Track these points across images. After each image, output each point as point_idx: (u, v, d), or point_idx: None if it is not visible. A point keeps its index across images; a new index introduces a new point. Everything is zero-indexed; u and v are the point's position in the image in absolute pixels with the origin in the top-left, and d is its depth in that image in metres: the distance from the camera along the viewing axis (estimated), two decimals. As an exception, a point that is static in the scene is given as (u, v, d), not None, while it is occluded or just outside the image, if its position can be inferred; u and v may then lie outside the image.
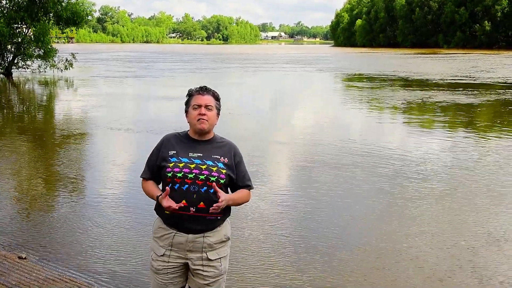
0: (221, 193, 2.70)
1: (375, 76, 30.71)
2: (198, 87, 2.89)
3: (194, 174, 2.72)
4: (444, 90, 22.35)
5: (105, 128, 12.55)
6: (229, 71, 36.56)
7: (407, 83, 26.54)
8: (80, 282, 4.40)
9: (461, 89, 22.57)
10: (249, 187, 2.94)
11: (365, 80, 28.85)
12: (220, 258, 2.84)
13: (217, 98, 2.88)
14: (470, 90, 21.97)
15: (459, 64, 42.43)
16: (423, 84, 25.62)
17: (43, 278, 4.41)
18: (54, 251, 5.15)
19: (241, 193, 2.88)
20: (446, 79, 27.91)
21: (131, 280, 4.53)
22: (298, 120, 14.76)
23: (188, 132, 2.89)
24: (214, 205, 2.68)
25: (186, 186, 2.71)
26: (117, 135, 11.80)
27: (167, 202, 2.70)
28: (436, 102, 18.04)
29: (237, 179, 2.88)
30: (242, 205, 2.98)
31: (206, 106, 2.81)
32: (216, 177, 2.74)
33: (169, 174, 2.74)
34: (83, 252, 5.13)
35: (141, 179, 2.94)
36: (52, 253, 5.08)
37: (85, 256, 5.02)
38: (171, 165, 2.75)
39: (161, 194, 2.76)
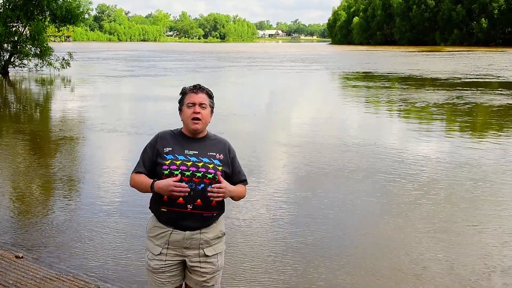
0: (223, 180, 2.75)
1: (392, 76, 29.33)
2: (191, 85, 2.91)
3: (191, 171, 2.73)
4: (472, 89, 21.12)
5: (105, 129, 12.48)
6: (235, 70, 35.80)
7: (430, 82, 25.23)
8: (77, 281, 4.40)
9: (482, 88, 21.69)
10: (245, 182, 2.96)
11: (383, 80, 27.37)
12: (216, 254, 2.86)
13: (210, 96, 2.90)
14: (500, 90, 21.06)
15: (472, 62, 41.47)
16: (447, 83, 24.22)
17: (40, 277, 4.40)
18: (51, 250, 5.15)
19: (239, 187, 2.90)
20: (468, 78, 26.83)
21: (128, 278, 4.53)
22: (316, 123, 13.63)
23: (182, 130, 2.90)
24: (214, 185, 2.70)
25: (183, 183, 2.71)
26: (117, 137, 11.75)
27: (179, 184, 2.65)
28: (471, 103, 17.03)
29: (233, 174, 2.90)
30: (240, 202, 2.99)
31: (200, 104, 2.82)
32: (212, 174, 2.76)
33: (166, 172, 2.73)
34: (80, 251, 5.12)
35: (132, 174, 2.89)
36: (49, 252, 5.08)
37: (82, 255, 5.02)
38: (167, 162, 2.75)
39: (155, 180, 2.73)
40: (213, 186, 2.72)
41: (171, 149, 2.80)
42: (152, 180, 2.75)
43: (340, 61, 48.09)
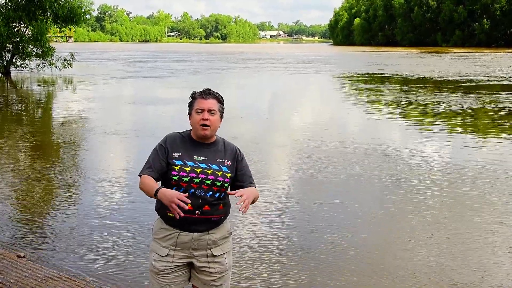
0: (238, 192, 2.66)
1: (414, 78, 27.89)
2: (201, 90, 2.88)
3: (200, 178, 2.72)
4: (506, 93, 20.12)
5: (107, 132, 12.46)
6: (246, 72, 34.66)
7: (456, 85, 23.67)
8: (79, 280, 4.41)
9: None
10: (252, 184, 2.90)
11: (406, 82, 25.73)
12: (224, 253, 2.86)
13: (220, 101, 2.86)
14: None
15: (490, 64, 40.09)
16: (475, 86, 23.06)
17: (41, 277, 4.41)
18: (53, 249, 5.15)
19: (252, 189, 2.81)
20: (494, 80, 25.75)
21: (129, 279, 4.53)
22: (344, 127, 12.85)
23: (191, 133, 2.87)
24: (244, 201, 2.62)
25: (192, 190, 2.71)
26: (119, 140, 11.73)
27: (182, 200, 2.57)
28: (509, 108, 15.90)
29: (243, 178, 2.86)
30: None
31: (209, 111, 2.79)
32: (221, 182, 2.76)
33: (175, 178, 2.72)
34: (81, 250, 5.13)
35: (141, 177, 2.80)
36: (51, 252, 5.08)
37: (84, 255, 5.02)
38: (177, 168, 2.73)
39: (161, 187, 2.69)
40: (238, 204, 2.62)
41: (180, 154, 2.78)
42: (158, 186, 2.69)
43: (351, 62, 46.88)
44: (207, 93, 2.83)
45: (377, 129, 12.96)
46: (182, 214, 2.57)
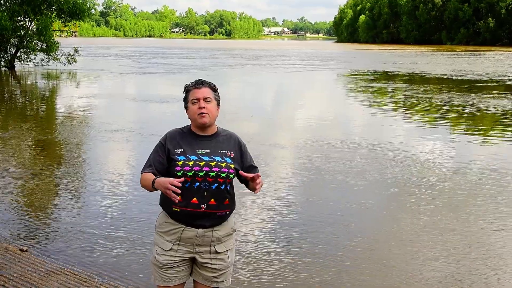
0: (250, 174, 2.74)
1: (437, 77, 26.98)
2: (193, 81, 2.88)
3: (204, 171, 2.71)
4: None
5: (109, 129, 12.47)
6: (259, 68, 33.74)
7: (483, 85, 22.68)
8: (81, 275, 4.42)
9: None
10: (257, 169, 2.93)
11: (431, 82, 24.69)
12: (227, 250, 2.86)
13: (214, 89, 2.87)
14: None
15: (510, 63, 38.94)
16: (507, 86, 22.41)
17: (44, 271, 4.43)
18: (55, 244, 5.17)
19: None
20: None
21: (131, 273, 4.54)
22: (372, 131, 12.15)
23: (191, 127, 2.87)
24: (258, 181, 2.72)
25: (197, 184, 2.71)
26: (122, 137, 11.73)
27: (173, 184, 2.59)
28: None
29: (249, 170, 2.86)
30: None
31: (205, 99, 2.79)
32: (226, 173, 2.75)
33: (179, 173, 2.71)
34: (84, 245, 5.14)
35: (141, 175, 2.84)
36: (53, 246, 5.10)
37: (86, 249, 5.03)
38: (180, 163, 2.73)
39: (158, 176, 2.71)
40: (256, 183, 2.73)
41: (182, 150, 2.78)
42: (154, 177, 2.73)
43: (363, 60, 45.62)
44: (199, 83, 2.84)
45: (409, 132, 12.24)
46: (179, 198, 2.61)
